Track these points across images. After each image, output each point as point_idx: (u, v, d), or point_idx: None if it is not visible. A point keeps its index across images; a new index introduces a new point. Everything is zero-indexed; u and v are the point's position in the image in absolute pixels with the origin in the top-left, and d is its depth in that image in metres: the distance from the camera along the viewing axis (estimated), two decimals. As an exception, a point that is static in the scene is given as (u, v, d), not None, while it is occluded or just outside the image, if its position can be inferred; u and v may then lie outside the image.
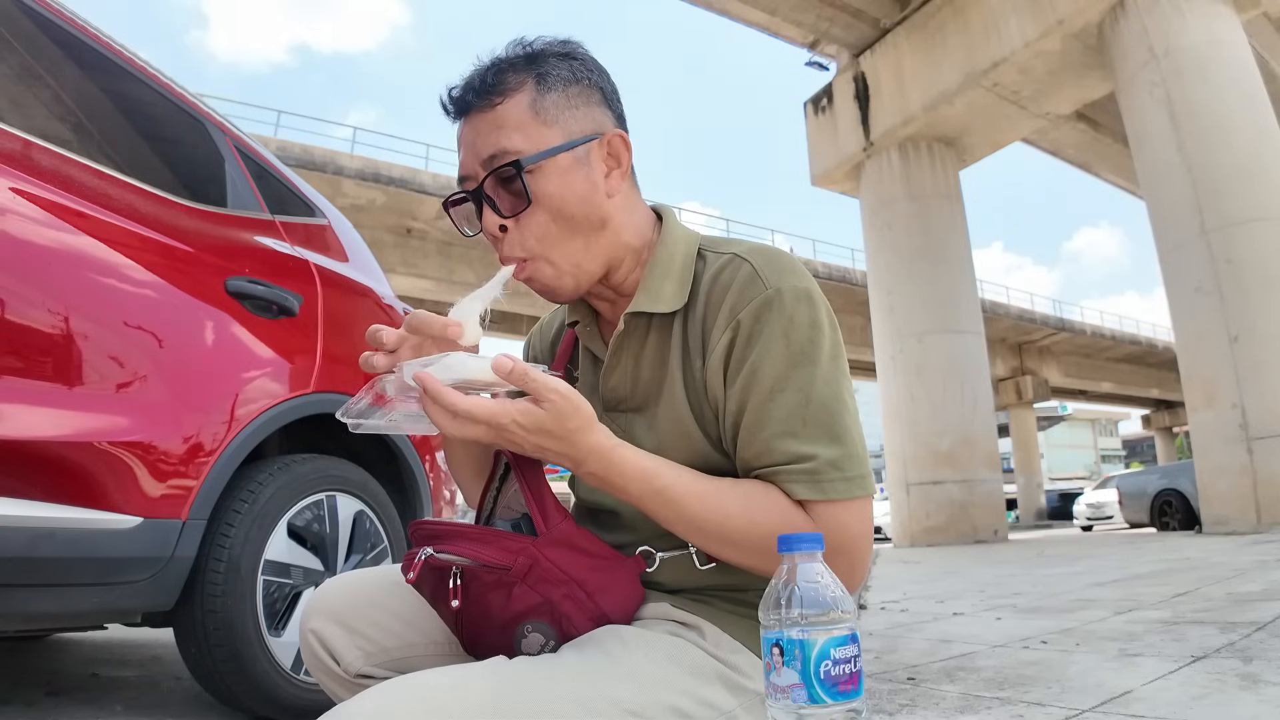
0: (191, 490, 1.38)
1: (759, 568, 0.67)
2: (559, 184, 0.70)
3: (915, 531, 9.94)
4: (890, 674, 1.86)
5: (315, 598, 0.83)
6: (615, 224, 0.75)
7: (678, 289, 0.74)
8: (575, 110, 0.72)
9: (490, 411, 0.58)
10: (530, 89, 0.71)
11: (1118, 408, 39.37)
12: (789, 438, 0.66)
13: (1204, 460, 7.45)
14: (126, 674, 2.18)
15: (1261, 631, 2.06)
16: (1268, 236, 7.09)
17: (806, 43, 12.69)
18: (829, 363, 0.68)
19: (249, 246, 1.68)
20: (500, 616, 0.71)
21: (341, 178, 12.61)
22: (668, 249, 0.76)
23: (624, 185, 0.75)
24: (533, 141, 0.70)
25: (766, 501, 0.66)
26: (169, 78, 1.69)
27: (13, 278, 1.17)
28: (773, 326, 0.68)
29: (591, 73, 0.75)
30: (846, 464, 0.66)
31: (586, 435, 0.62)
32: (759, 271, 0.70)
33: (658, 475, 0.65)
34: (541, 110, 0.71)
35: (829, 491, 0.65)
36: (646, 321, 0.76)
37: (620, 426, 0.77)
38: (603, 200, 0.73)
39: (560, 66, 0.72)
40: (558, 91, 0.72)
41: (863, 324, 14.03)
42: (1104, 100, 10.49)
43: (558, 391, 0.59)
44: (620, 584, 0.71)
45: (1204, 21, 7.79)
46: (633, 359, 0.77)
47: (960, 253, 10.75)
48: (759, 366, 0.68)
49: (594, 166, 0.73)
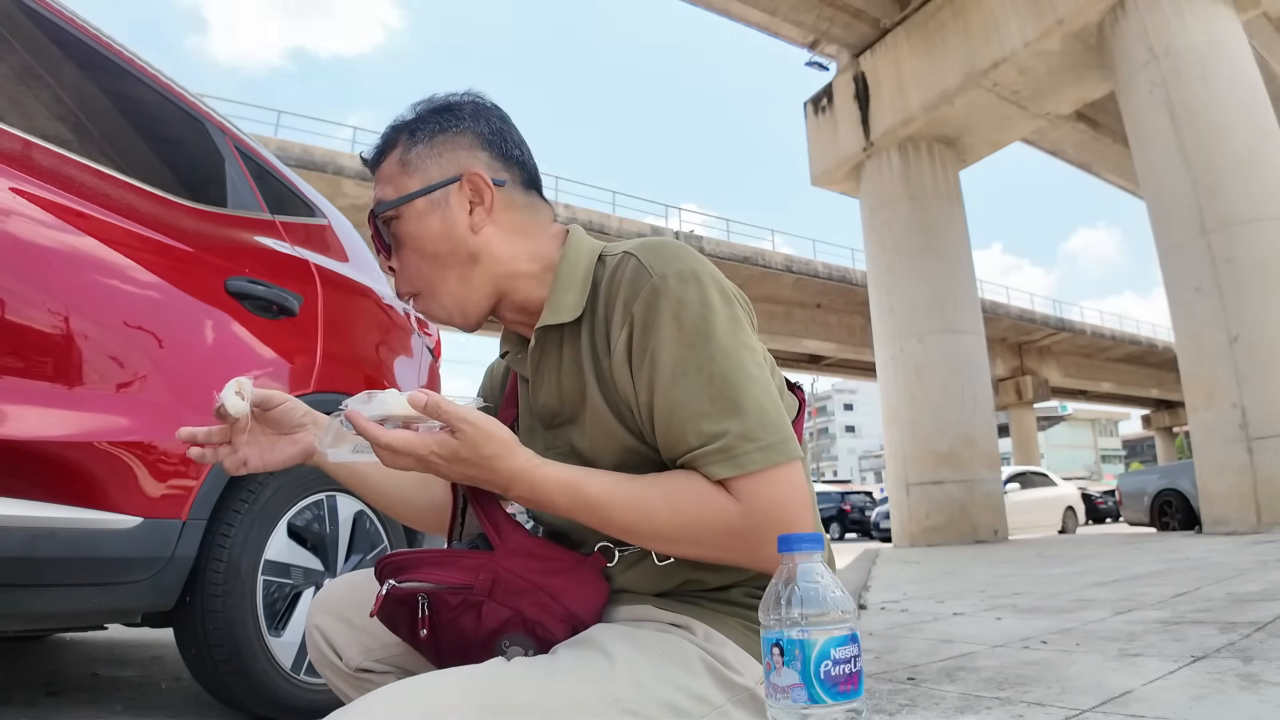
0: (191, 490, 1.38)
1: (703, 556, 0.69)
2: (416, 226, 0.77)
3: (915, 531, 9.93)
4: (890, 674, 1.86)
5: (320, 595, 0.87)
6: (489, 256, 0.78)
7: (577, 297, 0.76)
8: (438, 159, 0.78)
9: (410, 444, 0.62)
10: (401, 145, 0.78)
11: (1118, 408, 39.38)
12: (699, 418, 0.67)
13: (1204, 460, 7.44)
14: (126, 674, 2.18)
15: (1261, 631, 2.05)
16: (1268, 236, 7.09)
17: (806, 43, 12.69)
18: (726, 337, 0.69)
19: (249, 246, 1.68)
20: (476, 637, 0.72)
21: (341, 178, 12.61)
22: (569, 262, 0.78)
23: (502, 216, 0.79)
24: (397, 192, 0.78)
25: (688, 490, 0.67)
26: (169, 78, 1.69)
27: (13, 278, 1.17)
28: (664, 313, 0.69)
29: (463, 120, 0.79)
30: (758, 433, 0.66)
31: (505, 460, 0.64)
32: (644, 262, 0.71)
33: (581, 485, 0.66)
34: (406, 163, 0.78)
35: (745, 464, 0.65)
36: (558, 334, 0.78)
37: (561, 440, 0.79)
38: (466, 236, 0.77)
39: (431, 120, 0.79)
40: (423, 144, 0.78)
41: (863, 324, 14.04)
42: (1104, 100, 10.48)
43: (468, 420, 0.62)
44: (584, 583, 0.73)
45: (1204, 21, 7.79)
46: (554, 373, 0.79)
47: (960, 253, 10.74)
48: (657, 354, 0.68)
49: (453, 206, 0.77)
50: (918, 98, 10.59)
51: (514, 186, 0.80)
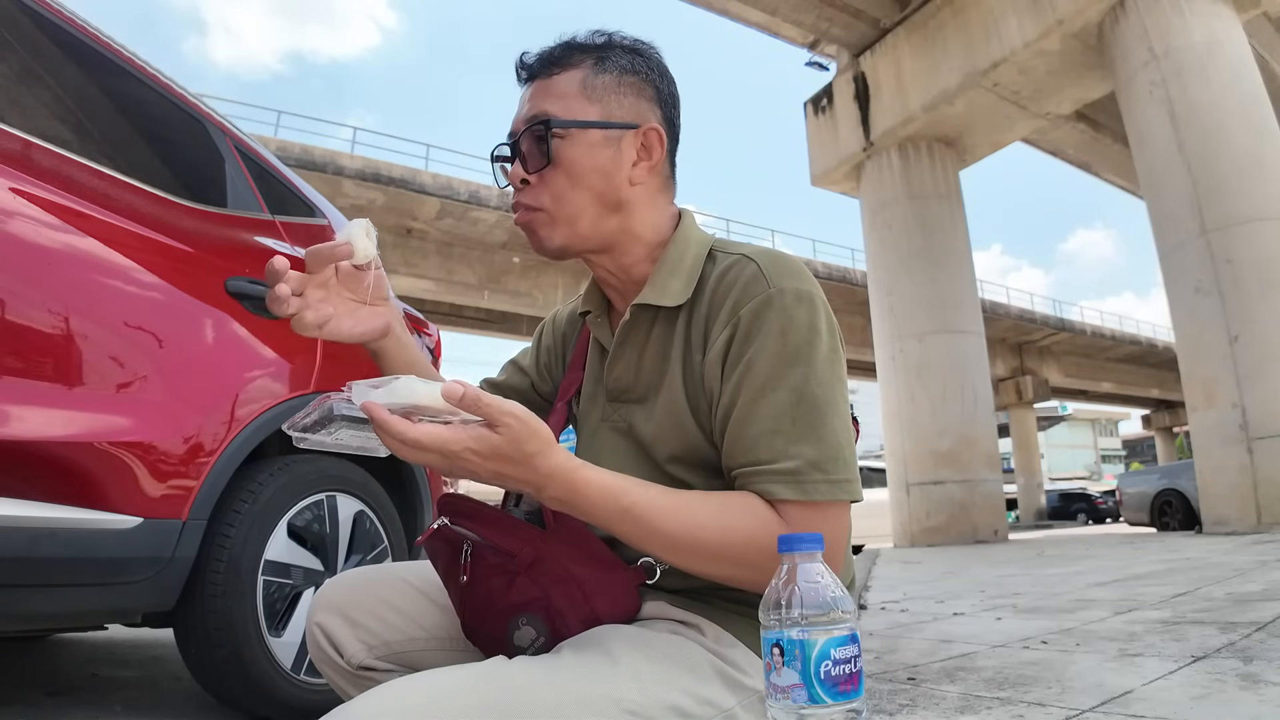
0: (192, 490, 1.38)
1: (741, 579, 0.67)
2: (583, 154, 0.74)
3: (915, 531, 9.93)
4: (890, 674, 1.86)
5: (321, 593, 0.86)
6: (629, 210, 0.77)
7: (684, 285, 0.76)
8: (622, 97, 0.76)
9: (441, 439, 0.56)
10: (587, 67, 0.76)
11: (1118, 408, 39.36)
12: (775, 435, 0.66)
13: (1204, 460, 7.44)
14: (126, 674, 2.18)
15: (1261, 631, 2.05)
16: (1268, 236, 7.09)
17: (806, 43, 12.69)
18: (824, 366, 0.68)
19: (249, 246, 1.68)
20: (499, 604, 0.73)
21: (341, 178, 12.61)
22: (679, 248, 0.78)
23: (651, 179, 0.78)
24: (572, 111, 0.75)
25: (742, 508, 0.66)
26: (169, 78, 1.69)
27: (13, 278, 1.17)
28: (771, 325, 0.68)
29: (652, 71, 0.79)
30: (830, 466, 0.66)
31: (546, 458, 0.60)
32: (763, 271, 0.71)
33: (625, 493, 0.63)
34: (590, 88, 0.75)
35: (810, 492, 0.65)
36: (652, 314, 0.77)
37: (621, 416, 0.79)
38: (623, 184, 0.76)
39: (623, 57, 0.77)
40: (611, 75, 0.76)
41: (863, 324, 14.01)
42: (1104, 100, 10.48)
43: (513, 415, 0.57)
44: (618, 590, 0.72)
45: (1204, 22, 7.78)
46: (637, 351, 0.78)
47: (960, 253, 10.73)
48: (754, 362, 0.68)
49: (623, 151, 0.76)
50: (918, 98, 10.58)
51: (669, 154, 0.80)
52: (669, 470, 0.74)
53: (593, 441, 0.82)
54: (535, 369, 0.97)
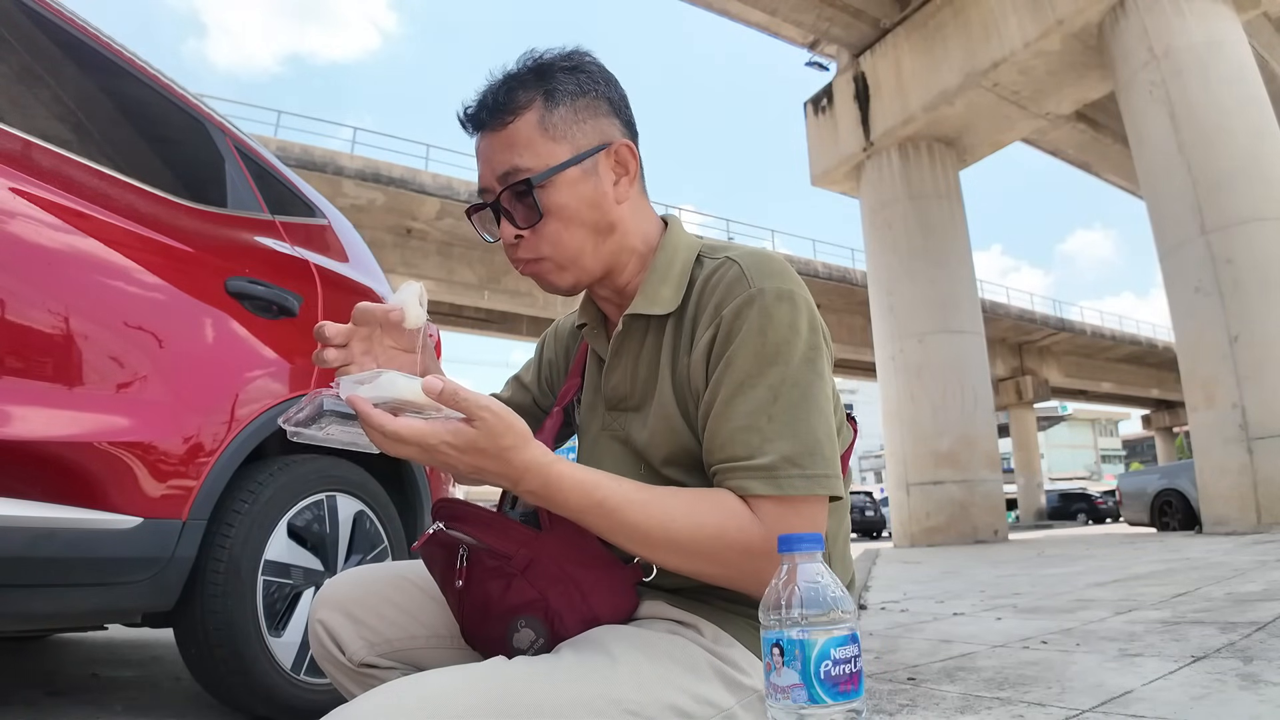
0: (192, 490, 1.38)
1: (715, 576, 0.67)
2: (568, 195, 0.74)
3: (915, 532, 9.94)
4: (890, 674, 1.86)
5: (323, 591, 0.86)
6: (622, 228, 0.78)
7: (674, 292, 0.76)
8: (583, 124, 0.75)
9: (419, 433, 0.58)
10: (539, 106, 0.73)
11: (1118, 408, 39.37)
12: (752, 431, 0.67)
13: (1204, 460, 7.45)
14: (126, 674, 2.18)
15: (1261, 631, 2.05)
16: (1267, 236, 7.09)
17: (806, 43, 12.69)
18: (802, 365, 0.69)
19: (249, 246, 1.68)
20: (497, 607, 0.73)
21: (341, 178, 12.61)
22: (667, 254, 0.78)
23: (632, 191, 0.78)
24: (542, 158, 0.73)
25: (714, 504, 0.66)
26: (169, 78, 1.69)
27: (13, 278, 1.17)
28: (751, 323, 0.69)
29: (598, 84, 0.77)
30: (806, 461, 0.66)
31: (521, 452, 0.61)
32: (746, 272, 0.71)
33: (597, 487, 0.64)
34: (550, 126, 0.73)
35: (784, 487, 0.65)
36: (644, 323, 0.78)
37: (620, 424, 0.80)
38: (611, 206, 0.76)
39: (567, 81, 0.75)
40: (565, 106, 0.74)
41: (863, 324, 14.03)
42: (1104, 100, 10.49)
43: (489, 409, 0.58)
44: (615, 587, 0.72)
45: (1204, 22, 7.79)
46: (632, 359, 0.79)
47: (960, 253, 10.74)
48: (733, 360, 0.69)
49: (602, 176, 0.76)
50: (918, 98, 10.59)
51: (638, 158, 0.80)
52: (666, 474, 0.75)
53: (593, 450, 0.82)
54: (537, 384, 0.98)
